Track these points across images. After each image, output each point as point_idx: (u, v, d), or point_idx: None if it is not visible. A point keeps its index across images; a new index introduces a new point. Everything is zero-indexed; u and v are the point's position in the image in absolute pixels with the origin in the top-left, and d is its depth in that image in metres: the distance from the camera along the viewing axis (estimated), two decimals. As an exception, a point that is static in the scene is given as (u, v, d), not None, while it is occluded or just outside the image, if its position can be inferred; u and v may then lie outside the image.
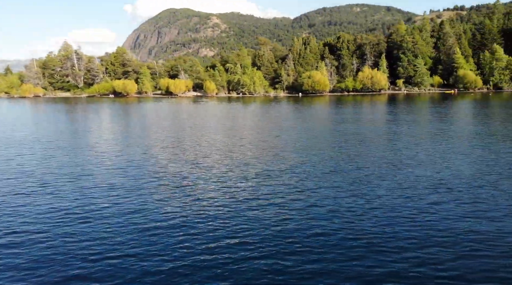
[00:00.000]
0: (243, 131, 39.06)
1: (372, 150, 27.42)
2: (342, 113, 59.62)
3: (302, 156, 25.67)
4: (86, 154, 27.98)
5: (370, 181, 19.25)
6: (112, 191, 18.37)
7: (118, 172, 22.17)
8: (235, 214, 14.95)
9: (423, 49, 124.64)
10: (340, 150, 27.98)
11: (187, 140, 34.03)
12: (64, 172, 22.18)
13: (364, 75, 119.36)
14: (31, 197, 17.62)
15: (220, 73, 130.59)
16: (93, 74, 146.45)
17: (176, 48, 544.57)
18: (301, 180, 19.69)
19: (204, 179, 20.12)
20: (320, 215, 14.66)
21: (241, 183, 19.35)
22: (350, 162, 23.59)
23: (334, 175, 20.29)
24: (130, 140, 34.55)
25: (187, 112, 67.14)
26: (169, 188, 18.78)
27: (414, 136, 32.99)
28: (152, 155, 27.30)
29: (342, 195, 17.02)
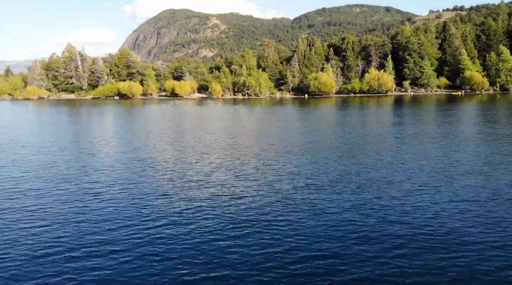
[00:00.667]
0: (253, 134, 38.76)
1: (382, 154, 27.68)
2: (352, 115, 59.20)
3: (313, 160, 26.11)
4: (96, 156, 29.44)
5: (377, 184, 19.64)
6: (112, 191, 19.54)
7: (123, 174, 23.00)
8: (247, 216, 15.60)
9: (429, 51, 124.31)
10: (351, 153, 28.35)
11: (196, 144, 33.90)
12: (76, 177, 22.51)
13: (371, 77, 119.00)
14: (36, 198, 18.58)
15: (225, 75, 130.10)
16: (97, 75, 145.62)
17: (175, 49, 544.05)
18: (312, 182, 20.33)
19: (213, 185, 20.44)
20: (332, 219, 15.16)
21: (251, 184, 20.31)
22: (362, 167, 23.57)
23: (345, 183, 20.18)
24: (140, 143, 34.76)
25: (194, 114, 66.72)
26: (179, 188, 19.77)
27: (429, 140, 32.76)
28: (161, 159, 27.62)
29: (348, 200, 17.49)
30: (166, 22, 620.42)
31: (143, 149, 31.85)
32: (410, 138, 34.85)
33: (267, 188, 19.30)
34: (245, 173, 22.72)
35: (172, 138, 38.00)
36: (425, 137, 35.36)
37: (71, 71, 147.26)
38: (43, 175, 22.99)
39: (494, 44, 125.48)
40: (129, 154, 29.83)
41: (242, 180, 21.16)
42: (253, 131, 42.21)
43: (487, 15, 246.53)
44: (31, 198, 18.48)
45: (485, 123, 45.24)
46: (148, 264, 11.75)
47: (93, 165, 25.88)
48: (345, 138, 35.93)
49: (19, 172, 24.14)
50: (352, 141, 33.85)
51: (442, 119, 50.40)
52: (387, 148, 29.91)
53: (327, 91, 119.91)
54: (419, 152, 28.02)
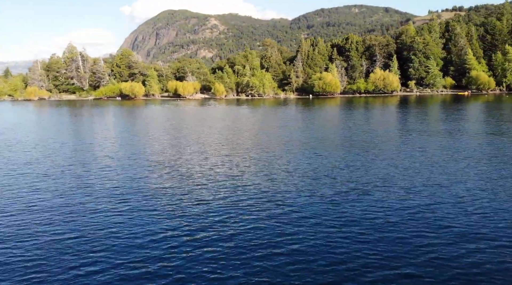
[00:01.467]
0: (258, 137, 37.23)
1: (393, 158, 26.67)
2: (359, 116, 57.71)
3: (321, 163, 25.61)
4: (97, 157, 29.16)
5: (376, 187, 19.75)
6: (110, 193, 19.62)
7: (122, 176, 22.93)
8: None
9: (434, 50, 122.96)
10: (360, 155, 27.68)
11: (200, 146, 32.78)
12: (78, 181, 22.11)
13: (376, 77, 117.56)
14: (37, 194, 19.36)
15: (229, 75, 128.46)
16: (98, 76, 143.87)
17: (174, 50, 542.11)
18: (314, 184, 20.50)
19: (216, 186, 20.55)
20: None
21: (251, 185, 20.45)
22: (370, 175, 22.52)
23: (350, 189, 19.64)
24: (143, 145, 33.77)
25: (198, 115, 65.01)
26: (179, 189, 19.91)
27: (441, 142, 31.30)
28: (165, 162, 26.86)
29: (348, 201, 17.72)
30: (165, 22, 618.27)
31: (146, 151, 31.15)
32: (419, 138, 34.56)
33: (271, 192, 19.10)
34: (249, 175, 22.59)
35: (175, 140, 36.73)
36: (438, 139, 34.29)
37: (72, 72, 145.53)
38: (45, 175, 23.26)
39: (499, 44, 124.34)
40: (130, 156, 28.94)
41: (246, 181, 21.23)
42: (260, 134, 40.61)
43: (488, 15, 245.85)
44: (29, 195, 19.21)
45: (495, 123, 44.24)
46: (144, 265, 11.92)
47: (92, 166, 25.65)
48: (354, 139, 34.91)
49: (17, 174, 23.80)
50: (361, 144, 32.55)
51: (451, 120, 49.03)
52: (399, 152, 29.12)
53: (332, 91, 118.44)
54: (431, 152, 28.14)
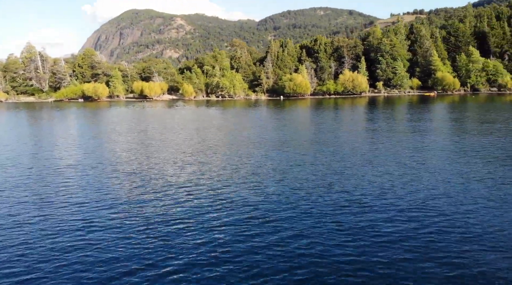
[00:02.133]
0: (229, 141, 35.02)
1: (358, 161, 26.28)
2: (331, 117, 56.54)
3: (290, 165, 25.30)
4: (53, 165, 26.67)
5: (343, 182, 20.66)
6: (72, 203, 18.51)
7: (83, 188, 21.14)
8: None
9: (400, 52, 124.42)
10: (335, 160, 26.30)
11: (166, 155, 30.06)
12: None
13: (345, 78, 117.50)
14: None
15: (198, 76, 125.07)
16: (59, 77, 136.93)
17: (139, 50, 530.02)
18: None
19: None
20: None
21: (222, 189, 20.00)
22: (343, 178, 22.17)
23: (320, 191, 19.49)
24: (109, 154, 30.72)
25: (165, 118, 61.83)
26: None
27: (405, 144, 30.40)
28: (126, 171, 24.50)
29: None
30: (129, 22, 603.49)
31: (110, 159, 28.71)
32: (388, 138, 34.37)
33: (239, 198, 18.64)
34: (215, 180, 21.95)
35: (141, 146, 33.90)
36: (408, 138, 34.03)
37: (31, 73, 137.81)
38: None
39: (463, 45, 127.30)
40: (94, 165, 26.55)
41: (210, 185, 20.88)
42: (230, 138, 38.29)
43: (448, 18, 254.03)
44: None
45: (463, 122, 44.67)
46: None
47: (52, 179, 23.23)
48: (325, 141, 33.74)
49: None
50: (333, 146, 31.52)
51: (419, 120, 48.70)
52: (370, 151, 29.16)
53: (302, 92, 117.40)
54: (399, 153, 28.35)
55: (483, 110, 62.89)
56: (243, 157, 27.70)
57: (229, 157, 27.84)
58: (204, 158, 27.92)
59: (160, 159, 27.84)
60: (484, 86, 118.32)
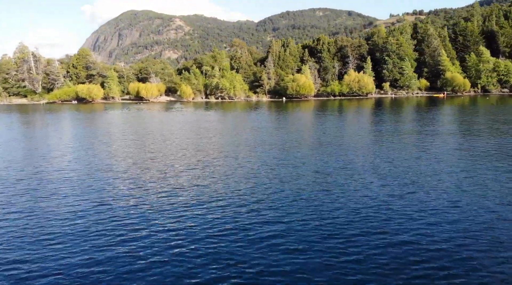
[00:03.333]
0: (230, 152, 29.01)
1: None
2: (339, 122, 50.57)
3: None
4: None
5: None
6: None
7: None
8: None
9: (407, 51, 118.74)
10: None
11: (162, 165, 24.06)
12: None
13: (351, 79, 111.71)
14: None
15: (196, 76, 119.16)
16: (52, 78, 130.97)
17: (138, 51, 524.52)
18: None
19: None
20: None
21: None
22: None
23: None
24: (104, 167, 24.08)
25: (158, 124, 55.93)
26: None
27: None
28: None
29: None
30: (128, 23, 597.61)
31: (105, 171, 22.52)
32: (398, 143, 30.68)
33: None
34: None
35: (135, 155, 27.63)
36: (421, 144, 27.74)
37: (23, 73, 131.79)
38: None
39: (471, 45, 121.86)
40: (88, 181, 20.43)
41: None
42: (231, 151, 32.39)
43: (449, 18, 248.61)
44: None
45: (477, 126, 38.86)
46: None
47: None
48: (339, 151, 27.23)
49: None
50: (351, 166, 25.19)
51: (430, 124, 42.65)
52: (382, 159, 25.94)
53: (305, 94, 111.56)
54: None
55: (499, 112, 57.14)
56: (244, 165, 24.61)
57: (228, 167, 24.39)
58: (203, 169, 22.94)
59: (154, 172, 22.05)
60: (495, 87, 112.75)
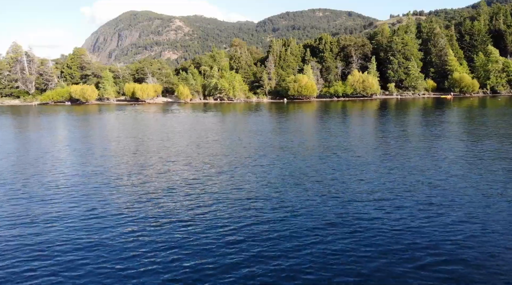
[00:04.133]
0: (229, 161, 24.26)
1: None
2: (345, 125, 45.68)
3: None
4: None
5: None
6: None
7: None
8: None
9: (413, 51, 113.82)
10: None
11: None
12: None
13: (355, 79, 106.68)
14: None
15: (194, 77, 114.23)
16: (46, 78, 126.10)
17: (137, 51, 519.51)
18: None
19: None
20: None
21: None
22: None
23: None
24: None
25: (152, 128, 51.06)
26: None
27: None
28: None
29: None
30: (127, 24, 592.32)
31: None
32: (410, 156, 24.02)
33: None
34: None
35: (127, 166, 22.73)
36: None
37: (16, 74, 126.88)
38: None
39: (478, 45, 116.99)
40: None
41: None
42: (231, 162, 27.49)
43: (451, 18, 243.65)
44: None
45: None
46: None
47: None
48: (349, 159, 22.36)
49: None
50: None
51: (442, 128, 37.76)
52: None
53: (307, 95, 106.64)
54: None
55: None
56: (244, 174, 22.14)
57: (229, 175, 21.75)
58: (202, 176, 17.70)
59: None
60: (504, 87, 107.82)
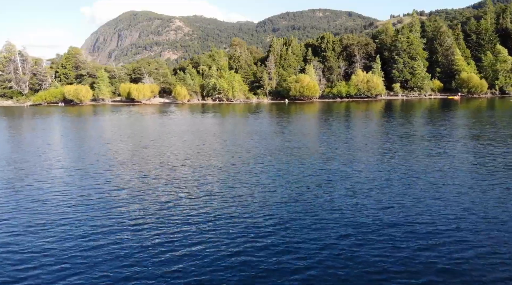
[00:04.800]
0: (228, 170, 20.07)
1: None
2: (353, 130, 41.26)
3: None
4: None
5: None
6: None
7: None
8: None
9: (419, 50, 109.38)
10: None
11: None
12: None
13: (359, 79, 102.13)
14: None
15: (192, 76, 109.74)
16: (40, 78, 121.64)
17: (137, 51, 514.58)
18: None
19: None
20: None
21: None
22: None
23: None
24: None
25: (146, 132, 46.70)
26: None
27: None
28: None
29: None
30: (127, 24, 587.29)
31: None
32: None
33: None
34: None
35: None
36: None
37: (10, 74, 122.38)
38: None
39: (485, 44, 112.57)
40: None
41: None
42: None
43: (453, 18, 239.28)
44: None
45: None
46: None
47: None
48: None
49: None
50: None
51: (454, 134, 33.33)
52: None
53: (310, 95, 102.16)
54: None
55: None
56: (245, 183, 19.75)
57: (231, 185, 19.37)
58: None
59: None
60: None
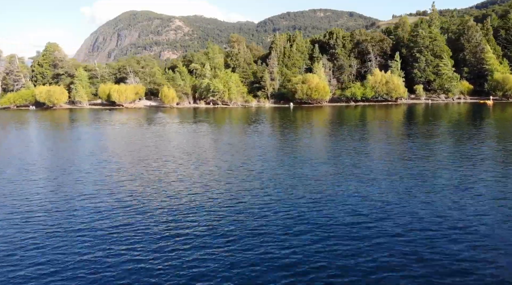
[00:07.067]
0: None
1: None
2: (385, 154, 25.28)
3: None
4: None
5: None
6: None
7: None
8: None
9: (443, 47, 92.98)
10: None
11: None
12: None
13: (376, 80, 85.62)
14: None
15: (183, 76, 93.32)
16: (13, 78, 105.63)
17: (137, 51, 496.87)
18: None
19: None
20: None
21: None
22: None
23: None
24: None
25: (119, 153, 30.68)
26: None
27: None
28: None
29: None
30: (127, 23, 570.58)
31: None
32: None
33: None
34: None
35: None
36: None
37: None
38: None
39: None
40: None
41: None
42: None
43: (460, 17, 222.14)
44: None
45: None
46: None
47: None
48: None
49: None
50: None
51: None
52: None
53: (319, 98, 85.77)
54: None
55: None
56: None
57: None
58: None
59: None
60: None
